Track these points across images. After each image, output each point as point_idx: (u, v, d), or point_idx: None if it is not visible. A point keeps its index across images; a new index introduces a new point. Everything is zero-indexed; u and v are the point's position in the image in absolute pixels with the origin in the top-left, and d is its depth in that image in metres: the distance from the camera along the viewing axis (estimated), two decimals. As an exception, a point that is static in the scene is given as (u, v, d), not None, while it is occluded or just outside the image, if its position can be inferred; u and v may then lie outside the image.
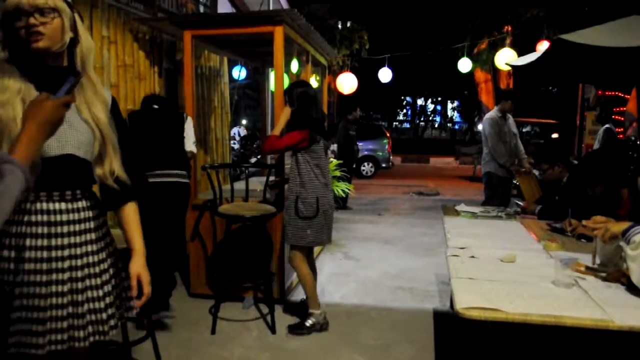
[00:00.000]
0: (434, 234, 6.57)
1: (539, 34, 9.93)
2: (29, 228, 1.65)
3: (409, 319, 3.82)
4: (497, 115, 5.69)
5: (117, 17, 3.92)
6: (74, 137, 1.68)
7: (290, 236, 3.51)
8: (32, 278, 1.65)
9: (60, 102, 1.34)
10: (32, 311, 1.63)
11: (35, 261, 1.66)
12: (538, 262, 2.49)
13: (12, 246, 1.64)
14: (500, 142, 5.60)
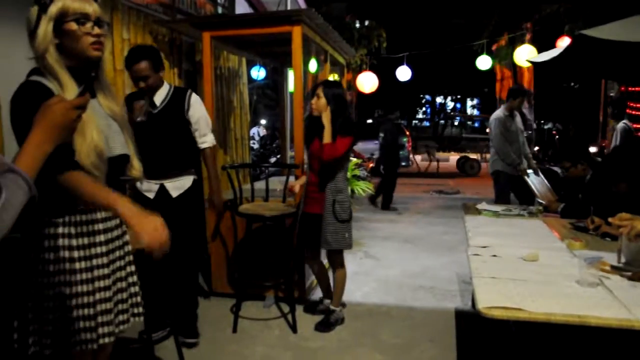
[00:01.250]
0: (454, 233, 6.53)
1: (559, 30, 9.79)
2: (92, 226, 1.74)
3: (430, 318, 3.80)
4: (504, 115, 5.61)
5: (137, 19, 3.96)
6: (118, 137, 1.77)
7: (330, 241, 3.46)
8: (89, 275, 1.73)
9: (71, 105, 1.28)
10: (85, 308, 1.72)
11: (97, 257, 1.76)
12: (561, 261, 2.46)
13: (72, 247, 1.71)
14: (507, 142, 5.54)
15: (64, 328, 1.68)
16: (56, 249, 1.68)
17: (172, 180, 3.26)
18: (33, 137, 1.23)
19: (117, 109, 1.83)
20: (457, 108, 38.13)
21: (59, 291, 1.67)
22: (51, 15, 1.60)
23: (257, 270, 4.01)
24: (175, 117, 3.24)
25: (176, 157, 3.29)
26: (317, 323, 3.61)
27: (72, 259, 1.68)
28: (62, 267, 1.67)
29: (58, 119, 1.25)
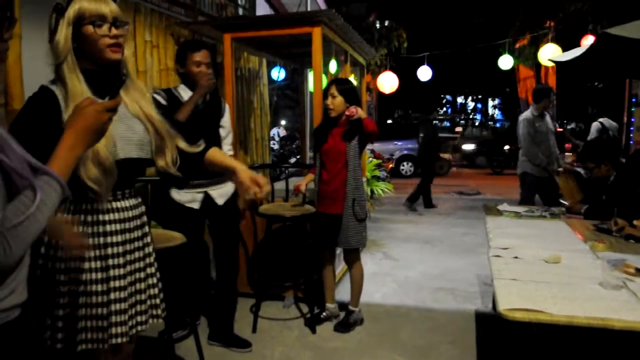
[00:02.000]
0: (475, 234, 6.48)
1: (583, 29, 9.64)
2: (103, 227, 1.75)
3: (450, 320, 3.78)
4: (533, 115, 5.52)
5: (159, 21, 4.00)
6: (134, 139, 1.77)
7: (352, 240, 3.46)
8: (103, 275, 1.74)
9: (102, 107, 1.30)
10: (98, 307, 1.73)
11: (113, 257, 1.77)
12: (584, 263, 2.43)
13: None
14: (534, 144, 5.45)
15: (73, 325, 1.69)
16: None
17: (217, 188, 3.18)
18: (66, 140, 1.25)
19: (147, 109, 1.81)
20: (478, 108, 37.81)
21: (71, 289, 1.69)
22: (69, 19, 1.60)
23: (277, 270, 4.02)
24: (214, 119, 3.24)
25: None
26: (336, 323, 3.61)
27: (83, 259, 1.70)
28: (75, 265, 1.68)
29: (90, 121, 1.27)
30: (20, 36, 2.56)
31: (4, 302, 1.18)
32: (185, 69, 3.07)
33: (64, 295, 1.69)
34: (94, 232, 1.72)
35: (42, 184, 1.15)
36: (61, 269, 1.69)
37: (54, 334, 1.69)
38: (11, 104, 2.53)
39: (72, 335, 1.70)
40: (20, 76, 2.57)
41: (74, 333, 1.69)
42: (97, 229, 1.72)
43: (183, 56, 3.09)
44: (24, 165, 1.13)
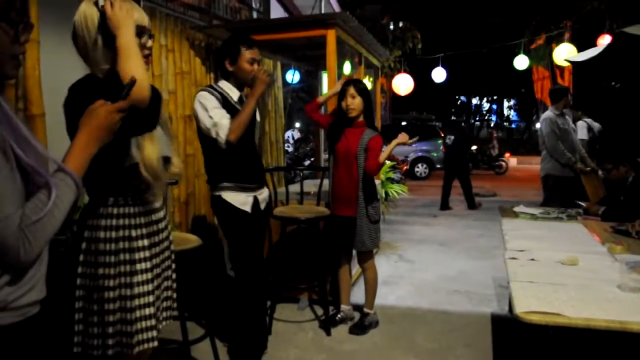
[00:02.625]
0: (491, 236, 6.43)
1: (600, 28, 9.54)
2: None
3: (465, 323, 3.75)
4: (555, 114, 5.46)
5: (175, 26, 4.04)
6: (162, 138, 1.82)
7: (367, 242, 3.46)
8: (149, 275, 1.79)
9: (114, 108, 1.36)
10: (147, 307, 1.77)
11: (156, 256, 1.83)
12: (602, 265, 2.41)
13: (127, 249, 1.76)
14: (559, 141, 5.39)
15: (127, 328, 1.73)
16: (117, 252, 1.73)
17: (261, 192, 3.09)
18: (79, 140, 1.31)
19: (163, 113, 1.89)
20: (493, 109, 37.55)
21: (121, 293, 1.73)
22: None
23: (291, 272, 4.03)
24: (255, 122, 3.07)
25: (262, 164, 3.18)
26: (351, 326, 3.61)
27: (133, 261, 1.74)
28: (124, 270, 1.73)
29: (101, 121, 1.33)
30: (39, 41, 2.61)
31: (24, 298, 1.21)
32: (237, 67, 2.91)
33: (114, 300, 1.72)
34: (139, 235, 1.76)
35: (58, 181, 1.19)
36: (110, 275, 1.72)
37: (105, 340, 1.72)
38: (30, 109, 2.57)
39: (126, 338, 1.73)
40: (39, 81, 2.61)
41: (129, 336, 1.73)
42: (142, 231, 1.78)
43: (235, 52, 2.91)
44: (40, 162, 1.16)
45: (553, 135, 5.37)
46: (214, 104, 2.83)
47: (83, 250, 1.74)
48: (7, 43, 1.13)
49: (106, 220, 1.73)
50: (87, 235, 1.74)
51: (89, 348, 1.72)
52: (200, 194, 4.41)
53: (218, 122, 2.78)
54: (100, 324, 1.72)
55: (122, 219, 1.74)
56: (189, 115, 4.22)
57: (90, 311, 1.72)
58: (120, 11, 1.60)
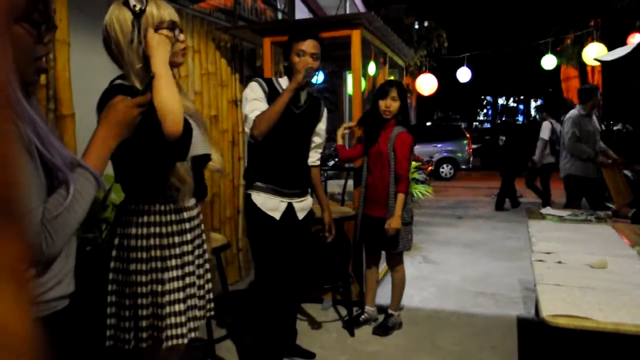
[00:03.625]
0: (517, 238, 6.35)
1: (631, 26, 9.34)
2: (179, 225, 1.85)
3: (491, 326, 3.71)
4: (580, 114, 5.36)
5: (201, 27, 4.08)
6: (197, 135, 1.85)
7: (398, 244, 3.47)
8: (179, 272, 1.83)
9: (133, 103, 1.37)
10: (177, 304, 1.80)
11: (187, 254, 1.85)
12: (632, 269, 2.36)
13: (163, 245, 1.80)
14: (579, 142, 5.27)
15: (158, 323, 1.76)
16: (148, 249, 1.77)
17: (300, 200, 2.92)
18: (99, 134, 1.32)
19: (192, 107, 1.93)
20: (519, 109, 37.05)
21: (153, 289, 1.76)
22: (150, 24, 1.68)
23: (316, 272, 4.03)
24: (311, 124, 2.95)
25: (307, 170, 2.99)
26: (375, 327, 3.60)
27: (164, 258, 1.77)
28: (155, 266, 1.77)
29: (120, 116, 1.34)
30: (69, 43, 2.66)
31: (52, 292, 1.24)
32: (289, 61, 2.80)
33: (147, 295, 1.76)
34: (169, 232, 1.79)
35: (77, 176, 1.21)
36: (142, 270, 1.75)
37: (139, 334, 1.76)
38: (60, 109, 2.62)
39: (157, 333, 1.77)
40: (69, 82, 2.67)
41: (159, 331, 1.76)
42: (173, 229, 1.80)
43: (288, 46, 2.81)
44: (63, 160, 1.19)
45: (573, 136, 5.28)
46: (255, 96, 2.73)
47: (116, 246, 1.79)
48: (29, 44, 1.14)
49: (137, 217, 1.77)
50: (119, 231, 1.79)
51: (121, 342, 1.76)
52: (225, 194, 4.45)
53: (248, 114, 2.70)
54: (133, 317, 1.75)
55: (153, 216, 1.77)
56: (215, 116, 4.27)
57: (123, 305, 1.76)
58: (152, 40, 1.62)
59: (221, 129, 4.38)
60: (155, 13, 1.69)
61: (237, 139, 4.61)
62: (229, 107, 4.50)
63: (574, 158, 5.34)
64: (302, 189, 2.92)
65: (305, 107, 2.87)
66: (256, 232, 2.85)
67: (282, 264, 2.85)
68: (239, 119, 4.61)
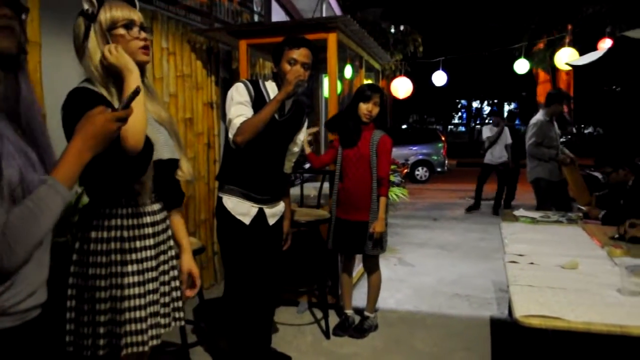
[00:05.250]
0: (491, 240, 6.43)
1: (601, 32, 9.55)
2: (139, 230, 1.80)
3: (465, 327, 3.75)
4: (545, 119, 5.46)
5: (176, 29, 4.05)
6: (162, 140, 1.82)
7: (378, 246, 3.49)
8: (140, 278, 1.78)
9: (112, 117, 1.30)
10: (137, 310, 1.76)
11: (147, 260, 1.80)
12: (602, 269, 2.41)
13: (124, 250, 1.76)
14: (542, 147, 5.39)
15: (116, 330, 1.72)
16: (108, 253, 1.73)
17: (272, 206, 2.86)
18: (73, 146, 1.26)
19: (165, 114, 1.88)
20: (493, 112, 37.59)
21: (112, 294, 1.72)
22: (101, 26, 1.66)
23: (291, 275, 4.03)
24: (291, 133, 2.90)
25: (282, 178, 2.95)
26: (351, 329, 3.61)
27: (124, 262, 1.73)
28: (115, 270, 1.72)
29: (98, 129, 1.28)
30: (40, 44, 2.62)
31: (25, 303, 1.21)
32: (279, 67, 2.72)
33: (105, 300, 1.72)
34: (130, 236, 1.75)
35: (46, 188, 1.17)
36: (101, 275, 1.72)
37: (96, 341, 1.72)
38: (31, 110, 2.57)
39: (115, 340, 1.73)
40: (40, 82, 2.63)
41: (117, 338, 1.72)
42: (134, 233, 1.76)
43: (279, 53, 2.72)
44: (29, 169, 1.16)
45: (534, 142, 5.39)
46: (241, 99, 2.66)
47: (76, 250, 1.75)
48: None
49: (98, 220, 1.73)
50: (80, 235, 1.75)
51: (80, 348, 1.72)
52: (200, 196, 4.42)
53: (232, 119, 2.63)
54: (91, 323, 1.71)
55: (114, 220, 1.73)
56: (190, 118, 4.23)
57: (82, 311, 1.72)
58: (111, 56, 1.63)
59: (196, 132, 4.35)
60: (107, 16, 1.67)
61: (213, 141, 4.58)
62: (204, 109, 4.47)
63: (537, 161, 5.46)
64: (275, 196, 2.86)
65: (288, 115, 2.82)
66: (226, 236, 2.80)
67: (251, 270, 2.80)
68: (214, 122, 4.58)
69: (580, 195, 5.18)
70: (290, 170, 3.05)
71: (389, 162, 3.45)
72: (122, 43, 1.69)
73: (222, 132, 4.53)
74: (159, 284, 1.84)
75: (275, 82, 2.78)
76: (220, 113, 4.60)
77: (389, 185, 3.45)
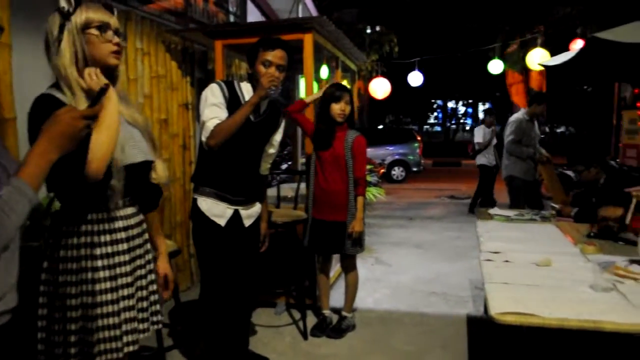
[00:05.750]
0: (467, 238, 6.49)
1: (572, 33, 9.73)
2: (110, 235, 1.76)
3: (442, 325, 3.78)
4: (525, 118, 5.55)
5: (151, 29, 4.00)
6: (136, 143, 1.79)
7: (357, 246, 3.50)
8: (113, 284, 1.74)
9: (79, 115, 1.27)
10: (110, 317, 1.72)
11: (120, 265, 1.77)
12: (575, 266, 2.45)
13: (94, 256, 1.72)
14: (521, 145, 5.47)
15: (88, 338, 1.69)
16: (78, 259, 1.69)
17: (247, 207, 2.82)
18: (38, 146, 1.22)
19: (138, 116, 1.85)
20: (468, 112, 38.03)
21: (83, 301, 1.68)
22: (76, 25, 1.63)
23: (269, 276, 4.01)
24: (267, 134, 2.87)
25: (257, 179, 2.92)
26: (329, 329, 3.61)
27: (95, 268, 1.69)
28: (86, 277, 1.68)
29: (64, 128, 1.24)
30: (11, 46, 2.57)
31: None
32: (254, 69, 2.69)
33: (76, 308, 1.68)
34: (101, 241, 1.72)
35: (11, 191, 1.14)
36: (72, 282, 1.68)
37: (67, 349, 1.68)
38: (1, 113, 2.52)
39: (87, 348, 1.69)
40: (10, 85, 2.57)
41: (89, 346, 1.69)
42: (105, 238, 1.73)
43: (254, 55, 2.69)
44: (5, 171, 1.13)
45: (513, 139, 5.48)
46: (215, 100, 2.62)
47: (46, 257, 1.71)
48: None
49: (68, 226, 1.69)
50: (50, 241, 1.71)
51: (52, 357, 1.69)
52: (176, 199, 4.37)
53: (206, 122, 2.60)
54: (62, 332, 1.68)
55: (84, 225, 1.69)
56: (165, 119, 4.19)
57: (53, 319, 1.69)
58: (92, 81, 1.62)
59: (171, 133, 4.30)
60: (82, 16, 1.65)
61: (188, 143, 4.54)
62: (179, 110, 4.42)
63: (514, 159, 5.54)
64: (250, 197, 2.83)
65: (264, 116, 2.78)
66: (201, 238, 2.77)
67: (227, 272, 2.78)
68: (190, 123, 4.54)
69: (555, 194, 5.29)
70: (266, 171, 3.04)
71: (365, 162, 3.48)
72: (95, 44, 1.66)
73: (197, 133, 4.49)
74: (135, 289, 1.80)
75: (250, 83, 2.76)
76: (195, 114, 4.56)
77: (366, 185, 3.47)
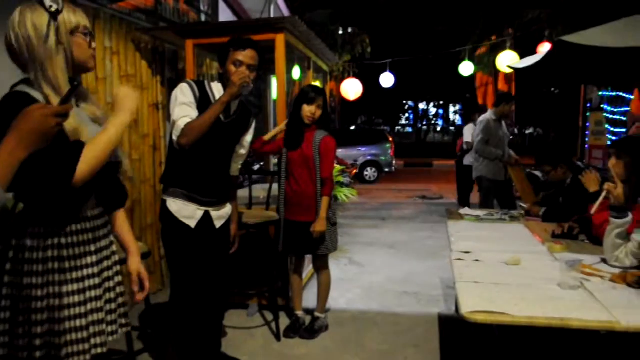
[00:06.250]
0: (438, 238, 6.56)
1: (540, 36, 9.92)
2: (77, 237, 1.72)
3: (414, 324, 3.81)
4: (492, 119, 5.62)
5: (120, 27, 3.93)
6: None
7: (329, 245, 3.50)
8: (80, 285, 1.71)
9: (51, 112, 1.23)
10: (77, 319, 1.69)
11: (87, 267, 1.73)
12: (543, 265, 2.49)
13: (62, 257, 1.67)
14: (489, 146, 5.55)
15: (55, 340, 1.65)
16: (45, 261, 1.64)
17: (218, 208, 2.80)
18: (7, 143, 1.19)
19: (100, 114, 1.83)
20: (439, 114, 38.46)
21: (50, 304, 1.64)
22: (66, 26, 1.63)
23: (241, 278, 3.98)
24: (237, 135, 2.86)
25: (227, 180, 2.89)
26: (302, 330, 3.60)
27: (62, 270, 1.65)
28: (52, 279, 1.64)
29: (35, 125, 1.21)
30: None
31: None
32: (224, 69, 2.68)
33: (42, 311, 1.63)
34: (69, 242, 1.68)
35: None
36: (37, 284, 1.63)
37: (32, 353, 1.63)
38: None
39: (54, 351, 1.65)
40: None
41: (57, 349, 1.65)
42: (72, 239, 1.68)
43: (225, 54, 2.68)
44: None
45: (482, 140, 5.55)
46: (185, 100, 2.60)
47: (10, 259, 1.65)
48: None
49: (33, 227, 1.64)
50: (14, 242, 1.66)
51: None
52: (146, 200, 4.31)
53: (176, 120, 2.57)
54: (26, 335, 1.63)
55: (50, 227, 1.65)
56: (135, 120, 4.12)
57: (16, 322, 1.64)
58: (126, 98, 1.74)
59: (142, 134, 4.24)
60: (72, 18, 1.64)
61: (159, 143, 4.47)
62: (149, 110, 4.36)
63: (483, 160, 5.62)
64: (220, 198, 2.81)
65: (234, 117, 2.77)
66: (171, 240, 2.73)
67: (197, 274, 2.74)
68: (160, 123, 4.48)
69: (525, 196, 5.39)
70: (237, 172, 3.02)
71: (332, 162, 3.47)
72: (81, 48, 1.69)
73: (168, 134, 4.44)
74: (102, 291, 1.77)
75: (221, 83, 2.75)
76: (166, 114, 4.51)
77: (332, 185, 3.47)
